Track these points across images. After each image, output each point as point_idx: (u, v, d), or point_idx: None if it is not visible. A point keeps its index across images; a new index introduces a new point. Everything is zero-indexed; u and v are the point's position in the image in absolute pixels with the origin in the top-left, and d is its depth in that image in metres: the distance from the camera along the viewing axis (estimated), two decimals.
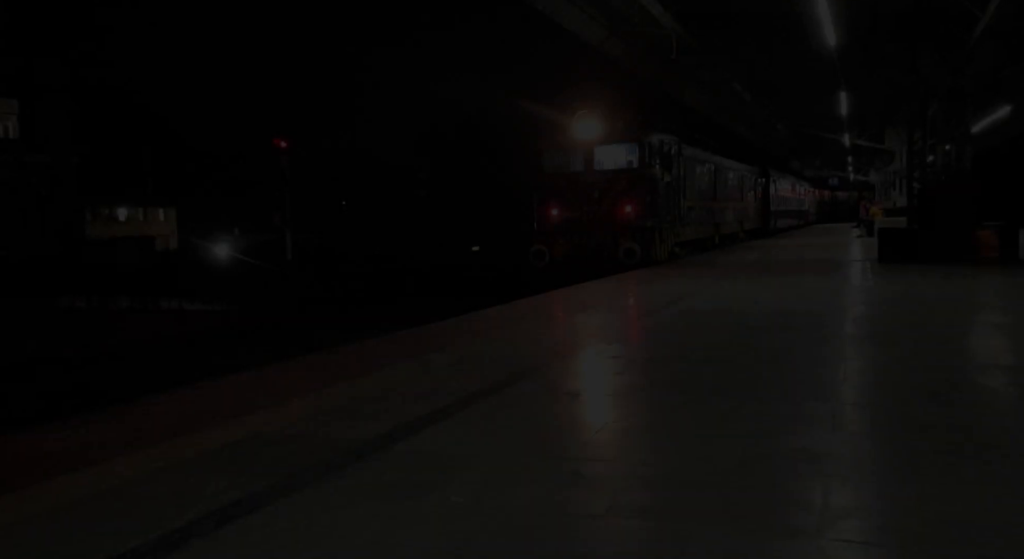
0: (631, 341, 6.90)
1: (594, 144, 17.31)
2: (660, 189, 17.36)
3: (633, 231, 16.76)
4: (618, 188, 16.99)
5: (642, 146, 17.17)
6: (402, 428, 4.07)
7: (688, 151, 20.13)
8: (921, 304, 8.79)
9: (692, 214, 20.28)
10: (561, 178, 17.49)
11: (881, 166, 52.30)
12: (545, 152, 18.03)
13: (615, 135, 17.35)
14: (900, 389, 4.73)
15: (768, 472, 3.29)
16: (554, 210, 17.43)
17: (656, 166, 17.32)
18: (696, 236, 20.91)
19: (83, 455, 3.84)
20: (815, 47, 21.49)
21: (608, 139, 17.29)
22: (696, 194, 20.96)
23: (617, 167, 17.22)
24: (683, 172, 19.16)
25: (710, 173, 23.08)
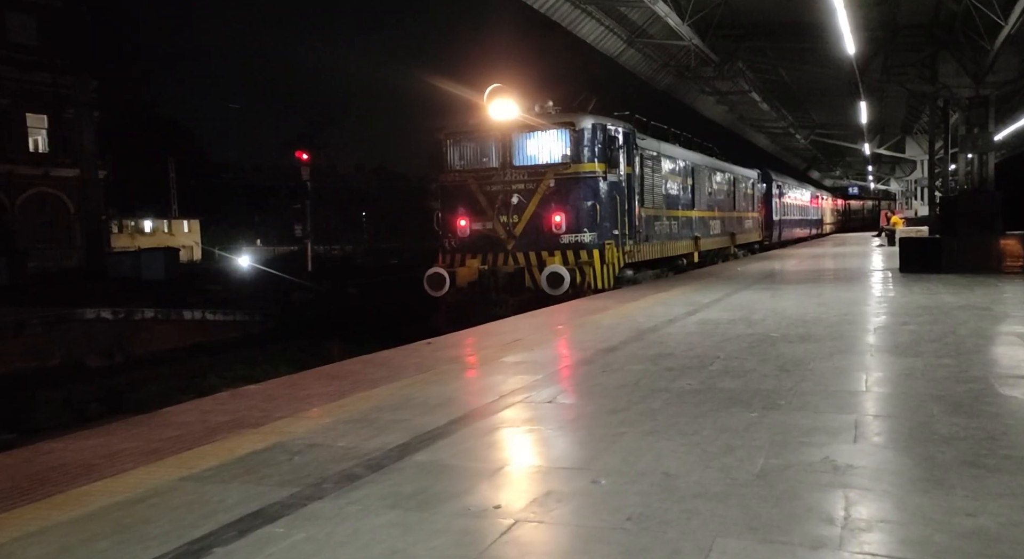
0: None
1: (513, 131, 13.27)
2: (602, 192, 13.30)
3: (564, 249, 13.03)
4: (545, 190, 13.06)
5: (577, 133, 13.14)
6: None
7: (648, 144, 15.92)
8: (944, 314, 8.68)
9: (655, 226, 16.13)
10: (470, 177, 13.56)
11: (902, 175, 51.82)
12: (449, 141, 13.93)
13: (541, 118, 13.42)
14: (923, 400, 4.68)
15: (789, 483, 3.26)
16: (460, 220, 13.49)
17: (597, 161, 13.30)
18: (661, 254, 16.55)
19: (107, 464, 3.89)
20: (834, 57, 21.41)
21: (531, 124, 13.30)
22: (662, 200, 16.71)
23: (544, 162, 13.34)
24: (640, 171, 15.09)
25: (685, 175, 18.82)
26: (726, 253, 23.37)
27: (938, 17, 20.88)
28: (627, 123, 14.68)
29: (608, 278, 13.38)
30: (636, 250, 14.76)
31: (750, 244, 27.39)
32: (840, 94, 29.77)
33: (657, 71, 25.33)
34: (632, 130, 14.73)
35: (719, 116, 35.29)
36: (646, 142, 15.85)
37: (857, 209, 72.01)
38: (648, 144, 16.00)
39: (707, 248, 20.61)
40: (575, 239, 13.08)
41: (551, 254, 13.01)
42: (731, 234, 23.68)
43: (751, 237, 27.30)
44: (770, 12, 21.09)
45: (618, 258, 13.80)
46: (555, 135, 13.34)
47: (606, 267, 13.32)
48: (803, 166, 59.22)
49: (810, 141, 45.96)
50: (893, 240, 26.04)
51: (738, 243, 24.81)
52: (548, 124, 13.28)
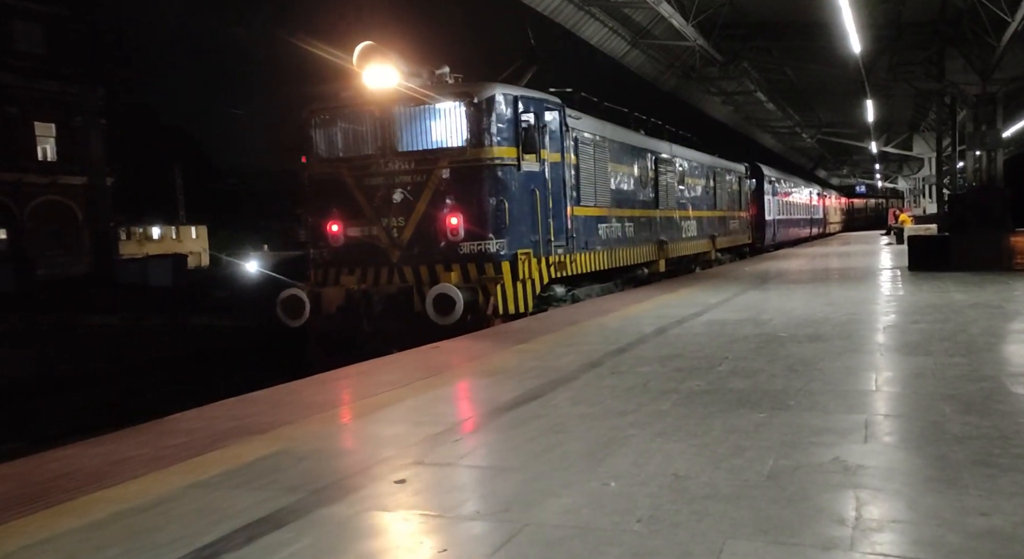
0: None
1: (396, 106, 10.23)
2: (514, 186, 10.27)
3: (464, 262, 10.05)
4: (437, 184, 10.13)
5: (478, 108, 10.04)
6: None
7: (588, 126, 12.75)
8: (954, 312, 8.63)
9: (599, 230, 12.98)
10: (343, 167, 10.56)
11: (909, 173, 51.61)
12: (315, 121, 10.87)
13: (431, 89, 10.22)
14: (934, 399, 4.64)
15: (800, 484, 3.24)
16: (332, 225, 10.54)
17: (508, 144, 10.23)
18: (609, 263, 13.40)
19: (115, 471, 3.90)
20: (840, 55, 21.33)
21: (419, 96, 10.08)
22: (610, 197, 13.57)
23: (436, 146, 10.27)
24: (576, 160, 12.05)
25: (644, 166, 15.62)
26: (705, 259, 20.53)
27: (944, 14, 20.80)
28: (557, 99, 11.54)
29: (526, 298, 10.21)
30: (570, 260, 11.47)
31: (737, 248, 24.45)
32: (846, 93, 29.66)
33: (662, 72, 25.29)
34: (561, 107, 11.51)
35: (725, 116, 35.20)
36: (584, 123, 12.60)
37: (865, 207, 71.72)
38: (588, 126, 12.77)
39: (677, 254, 17.53)
40: (478, 248, 9.96)
41: (447, 268, 9.92)
42: (711, 237, 20.76)
43: (738, 240, 24.21)
44: (775, 11, 21.03)
45: (541, 271, 10.60)
46: (450, 111, 10.11)
47: (522, 284, 10.12)
48: (810, 165, 59.04)
49: (817, 140, 45.79)
50: (902, 238, 25.92)
51: (721, 247, 21.89)
52: (440, 96, 10.06)
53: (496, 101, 10.22)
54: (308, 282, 10.79)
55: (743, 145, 37.20)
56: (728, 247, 22.90)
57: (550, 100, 11.36)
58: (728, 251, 23.19)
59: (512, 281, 10.07)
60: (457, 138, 10.19)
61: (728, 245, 22.79)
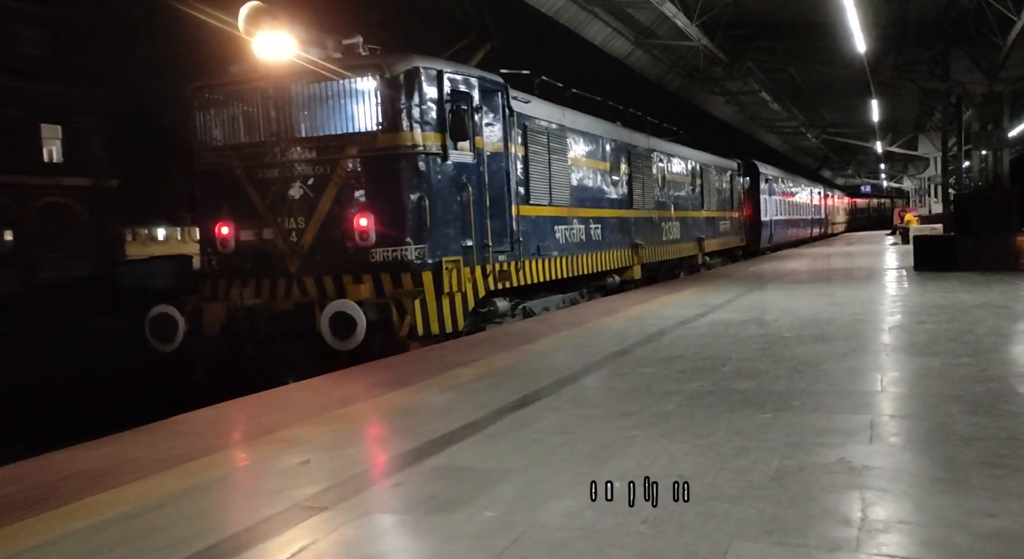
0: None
1: (291, 82, 8.66)
2: (438, 179, 8.66)
3: (377, 271, 8.42)
4: (344, 177, 8.53)
5: (392, 84, 8.41)
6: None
7: (539, 112, 11.12)
8: (961, 313, 8.59)
9: (554, 233, 11.33)
10: (234, 157, 8.96)
11: (915, 173, 51.50)
12: (202, 101, 9.25)
13: (336, 62, 8.53)
14: (941, 400, 4.61)
15: (805, 485, 3.22)
16: (222, 226, 8.98)
17: (430, 129, 8.61)
18: (568, 272, 11.72)
19: (119, 473, 3.89)
20: (845, 55, 21.30)
21: (321, 71, 8.37)
22: (569, 195, 11.88)
23: (342, 131, 8.64)
24: (524, 150, 10.47)
25: (614, 160, 13.88)
26: (691, 263, 19.06)
27: (949, 13, 20.75)
28: (498, 78, 9.92)
29: (456, 315, 8.70)
30: (515, 269, 9.88)
31: (729, 250, 22.99)
32: (851, 92, 29.63)
33: (666, 72, 25.28)
34: (504, 87, 9.89)
35: (729, 116, 35.19)
36: (536, 108, 10.94)
37: (871, 207, 71.57)
38: (541, 112, 11.12)
39: (655, 259, 15.97)
40: (393, 255, 8.31)
41: (357, 279, 8.31)
42: (697, 239, 19.16)
43: (729, 242, 22.64)
44: (779, 12, 21.01)
45: (476, 283, 9.07)
46: (358, 88, 8.45)
47: (448, 298, 8.55)
48: (815, 165, 58.99)
49: (821, 140, 45.76)
50: (907, 238, 25.85)
51: (709, 250, 20.29)
52: (345, 71, 8.39)
53: (415, 76, 8.48)
54: (196, 296, 9.06)
55: (747, 145, 37.12)
56: (718, 250, 21.54)
57: (488, 78, 9.62)
58: (719, 254, 21.87)
59: (436, 295, 8.39)
60: (367, 121, 8.49)
61: (718, 248, 21.37)
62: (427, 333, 8.30)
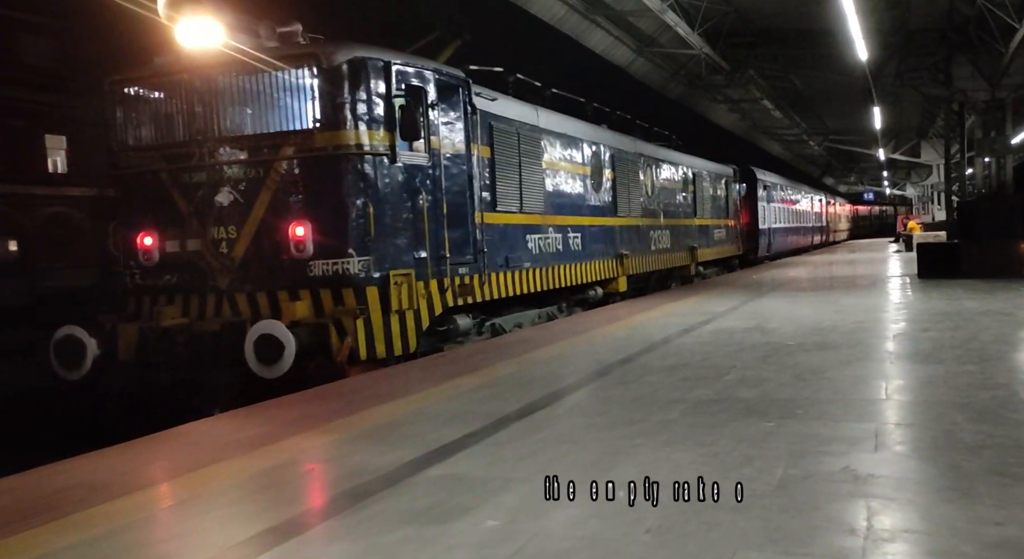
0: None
1: (222, 75, 7.82)
2: (385, 183, 7.78)
3: (316, 287, 7.56)
4: (279, 181, 7.65)
5: (331, 76, 7.54)
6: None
7: (509, 110, 10.31)
8: (965, 320, 8.56)
9: (526, 242, 10.47)
10: (157, 159, 8.10)
11: (918, 180, 51.47)
12: (121, 97, 8.37)
13: (270, 52, 7.65)
14: (946, 408, 4.59)
15: (810, 493, 3.20)
16: (145, 236, 8.11)
17: (378, 127, 7.75)
18: (542, 285, 10.84)
19: (120, 483, 3.88)
20: (847, 62, 21.33)
21: (251, 62, 7.45)
22: (543, 201, 11.02)
23: (276, 129, 7.81)
24: (491, 152, 9.63)
25: (596, 165, 13.01)
26: (683, 274, 18.09)
27: (951, 20, 20.78)
28: (458, 72, 9.08)
29: (407, 336, 7.79)
30: (479, 282, 9.06)
31: (725, 260, 22.00)
32: (853, 100, 29.66)
33: (668, 80, 25.34)
34: (465, 82, 9.05)
35: (732, 124, 35.23)
36: (504, 107, 10.14)
37: (873, 214, 71.52)
38: (510, 111, 10.29)
39: (643, 270, 15.03)
40: (334, 268, 7.44)
41: (294, 296, 7.48)
42: (690, 248, 18.14)
43: (724, 251, 21.61)
44: (780, 19, 21.06)
45: (432, 299, 8.20)
46: (293, 81, 7.58)
47: (398, 317, 7.66)
48: (818, 173, 58.99)
49: (824, 147, 45.79)
50: (911, 245, 25.81)
51: (703, 259, 19.33)
52: (278, 61, 7.51)
53: (359, 68, 7.61)
54: (115, 315, 8.10)
55: (750, 152, 37.07)
56: (713, 259, 20.51)
57: (446, 72, 8.76)
58: (714, 264, 20.94)
59: (382, 313, 7.52)
60: (304, 118, 7.62)
61: (713, 257, 20.39)
62: (372, 356, 7.38)
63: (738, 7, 19.76)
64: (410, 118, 7.79)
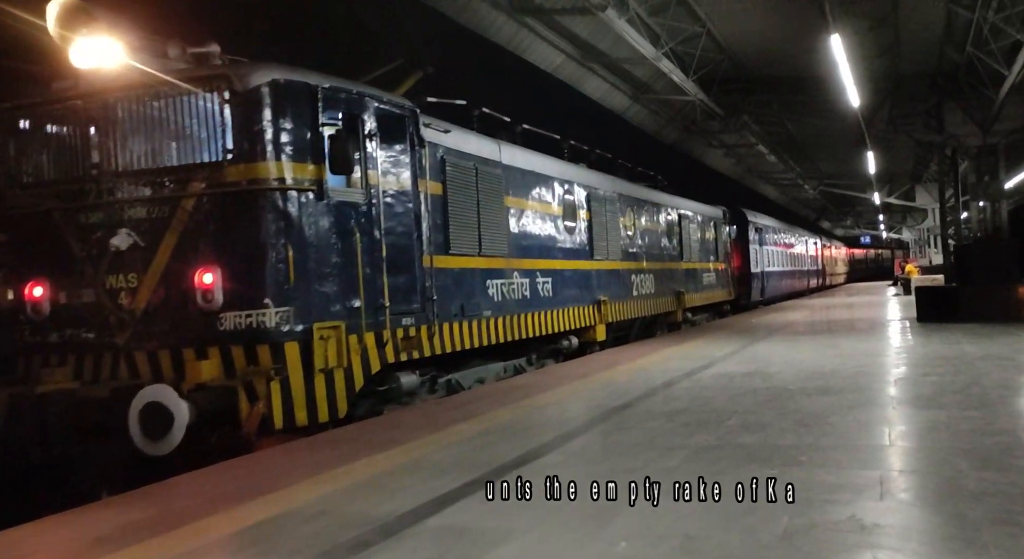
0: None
1: (122, 101, 6.95)
2: (315, 222, 6.92)
3: (226, 343, 6.54)
4: (185, 221, 6.71)
5: (246, 103, 6.67)
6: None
7: (463, 143, 9.46)
8: (966, 364, 8.53)
9: (485, 288, 9.54)
10: (49, 197, 7.15)
11: (913, 223, 51.83)
12: (10, 124, 7.42)
13: (173, 73, 6.76)
14: (950, 454, 4.54)
15: (815, 544, 3.14)
16: (35, 286, 7.11)
17: (302, 159, 6.87)
18: (506, 335, 9.86)
19: (117, 538, 3.82)
20: (839, 108, 21.69)
21: (154, 85, 6.72)
22: (507, 244, 10.19)
23: (182, 162, 6.91)
24: (443, 189, 8.78)
25: (570, 206, 12.20)
26: (669, 320, 17.14)
27: (941, 67, 21.19)
28: (403, 100, 8.24)
29: (336, 399, 6.80)
30: (429, 334, 8.08)
31: (715, 305, 21.14)
32: (847, 144, 30.06)
33: (664, 126, 25.70)
34: (412, 111, 8.21)
35: (728, 169, 35.63)
36: (459, 140, 9.31)
37: (870, 258, 71.83)
38: (464, 144, 9.48)
39: (624, 317, 14.12)
40: (247, 321, 6.45)
41: (201, 354, 6.46)
42: (676, 294, 17.20)
43: (715, 295, 20.74)
44: (773, 67, 21.46)
45: (368, 354, 7.15)
46: (203, 106, 6.66)
47: (325, 377, 6.68)
48: (813, 216, 59.45)
49: (819, 191, 46.22)
50: (909, 289, 25.87)
51: (691, 305, 18.31)
52: (185, 84, 6.60)
53: (278, 91, 6.71)
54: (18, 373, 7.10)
55: (746, 196, 37.35)
56: (702, 305, 19.54)
57: (387, 99, 7.86)
58: (704, 310, 20.00)
59: (305, 373, 6.52)
60: (214, 149, 6.68)
61: (702, 303, 19.44)
62: (291, 425, 6.39)
63: (731, 55, 20.16)
64: (341, 149, 6.94)
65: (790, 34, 18.26)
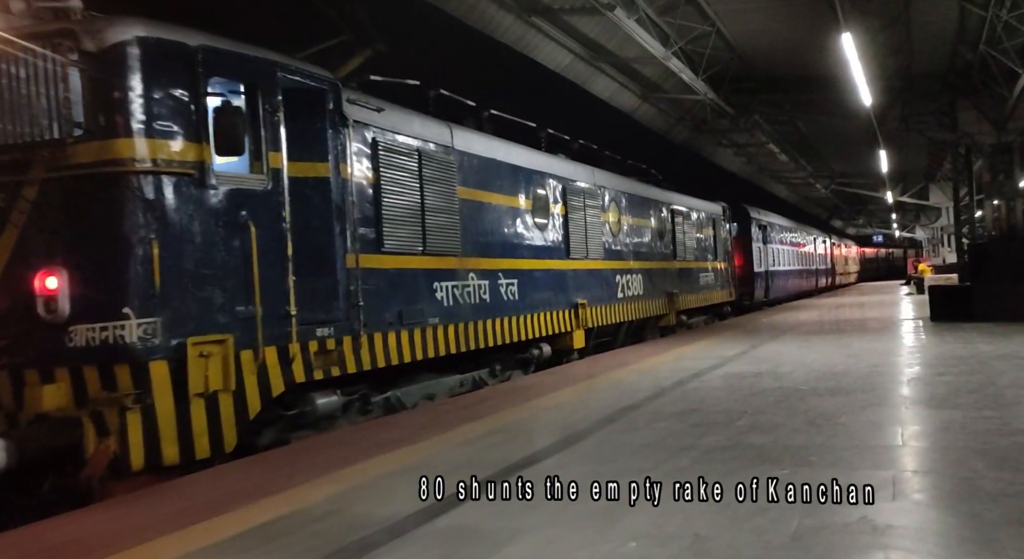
0: None
1: None
2: (193, 213, 5.74)
3: (76, 363, 5.30)
4: (27, 212, 5.52)
5: (102, 64, 5.46)
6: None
7: (401, 125, 8.20)
8: (981, 364, 8.43)
9: (435, 292, 8.32)
10: None
11: (927, 222, 51.45)
12: None
13: (11, 30, 5.47)
14: (965, 454, 4.48)
15: (826, 545, 3.09)
16: None
17: (179, 136, 5.67)
18: (457, 345, 8.58)
19: (130, 536, 3.81)
20: (851, 107, 21.53)
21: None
22: (459, 240, 8.84)
23: (25, 140, 5.43)
24: (373, 177, 7.56)
25: (538, 198, 10.76)
26: (662, 324, 15.68)
27: (954, 66, 21.01)
28: (322, 71, 7.01)
29: (222, 429, 5.68)
30: (354, 347, 6.86)
31: (715, 306, 19.67)
32: (859, 143, 29.85)
33: (673, 125, 25.59)
34: (334, 85, 7.03)
35: (738, 168, 35.45)
36: (393, 119, 7.98)
37: (883, 257, 71.38)
38: (403, 125, 8.15)
39: (608, 321, 12.70)
40: (102, 335, 5.32)
41: (46, 377, 5.35)
42: (668, 295, 15.65)
43: (713, 296, 19.23)
44: (784, 65, 21.33)
45: (266, 374, 6.00)
46: (43, 70, 5.34)
47: (206, 403, 5.56)
48: (825, 215, 59.12)
49: (831, 190, 45.92)
50: (922, 288, 25.66)
51: (685, 307, 16.75)
52: (23, 41, 5.34)
53: (145, 52, 5.54)
54: None
55: (757, 195, 37.15)
56: (698, 307, 17.97)
57: (298, 68, 6.63)
58: (700, 311, 18.39)
59: (175, 399, 5.37)
60: (61, 123, 5.36)
61: (699, 304, 17.92)
62: (157, 462, 5.23)
63: (741, 54, 20.04)
64: (231, 125, 5.81)
65: (801, 33, 18.13)
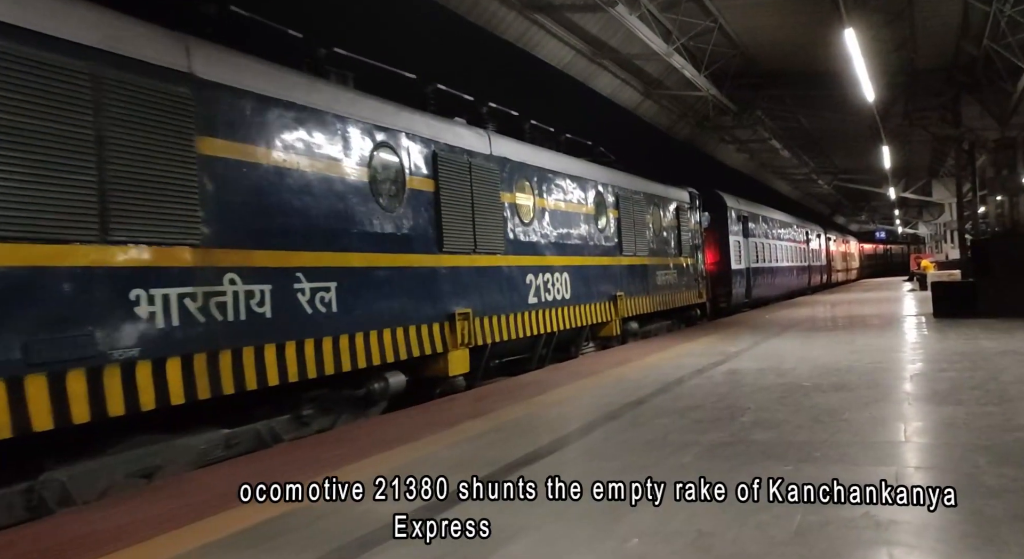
0: None
1: None
2: None
3: None
4: None
5: None
6: None
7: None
8: (983, 360, 8.42)
9: (125, 307, 4.86)
10: None
11: (930, 218, 51.31)
12: None
13: None
14: (968, 450, 4.48)
15: (829, 541, 3.10)
16: None
17: None
18: (203, 389, 5.35)
19: (133, 532, 3.83)
20: (854, 103, 21.47)
21: None
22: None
23: None
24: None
25: (380, 165, 7.57)
26: (603, 334, 12.65)
27: (957, 61, 20.93)
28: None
29: None
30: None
31: (679, 310, 16.34)
32: (862, 139, 29.77)
33: (675, 122, 25.54)
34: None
35: (740, 164, 35.38)
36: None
37: (885, 253, 71.23)
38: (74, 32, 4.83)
39: (510, 336, 9.59)
40: None
41: None
42: (610, 299, 12.55)
43: (676, 298, 15.89)
44: (786, 61, 21.27)
45: None
46: None
47: None
48: (827, 211, 59.01)
49: (833, 186, 45.82)
50: (925, 284, 25.60)
51: (637, 312, 13.69)
52: None
53: None
54: None
55: (760, 192, 37.03)
56: (657, 311, 14.79)
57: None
58: (661, 317, 15.40)
59: None
60: None
61: (656, 308, 14.63)
62: None
63: (744, 50, 19.99)
64: None
65: (803, 28, 18.07)
